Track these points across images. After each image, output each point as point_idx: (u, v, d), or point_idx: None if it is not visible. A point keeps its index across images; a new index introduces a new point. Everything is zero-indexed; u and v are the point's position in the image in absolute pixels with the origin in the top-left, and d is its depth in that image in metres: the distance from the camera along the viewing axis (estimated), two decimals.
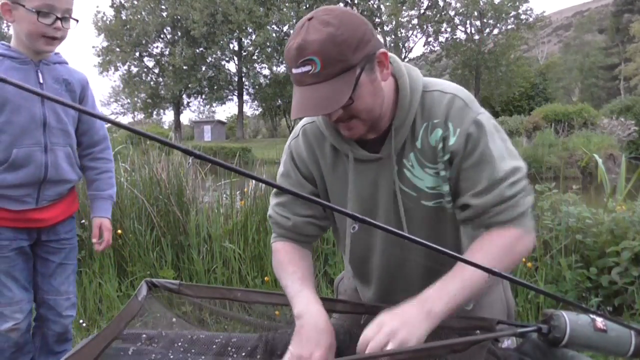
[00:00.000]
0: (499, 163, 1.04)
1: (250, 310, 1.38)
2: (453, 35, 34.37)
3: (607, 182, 3.90)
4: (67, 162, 1.76)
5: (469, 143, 1.05)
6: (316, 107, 0.98)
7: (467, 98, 1.09)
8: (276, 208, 1.25)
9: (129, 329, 1.18)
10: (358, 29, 0.98)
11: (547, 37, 75.64)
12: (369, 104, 1.03)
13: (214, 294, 1.29)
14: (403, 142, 1.10)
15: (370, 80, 1.01)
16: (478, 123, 1.06)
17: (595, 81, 46.64)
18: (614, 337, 0.89)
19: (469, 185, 1.06)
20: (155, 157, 3.88)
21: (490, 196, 1.04)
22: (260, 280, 3.14)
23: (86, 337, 1.05)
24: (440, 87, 1.11)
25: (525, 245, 1.07)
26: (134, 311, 1.14)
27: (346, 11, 1.00)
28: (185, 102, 39.79)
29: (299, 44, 0.96)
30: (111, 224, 2.00)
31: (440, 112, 1.07)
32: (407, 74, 1.10)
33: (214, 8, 32.90)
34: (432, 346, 0.91)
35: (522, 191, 1.06)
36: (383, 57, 1.03)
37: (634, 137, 19.55)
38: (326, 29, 0.95)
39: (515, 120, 20.45)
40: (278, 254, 1.23)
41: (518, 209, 1.04)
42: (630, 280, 2.56)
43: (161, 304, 1.27)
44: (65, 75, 1.76)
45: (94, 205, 1.96)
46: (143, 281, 1.25)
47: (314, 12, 1.01)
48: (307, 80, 0.97)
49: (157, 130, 22.61)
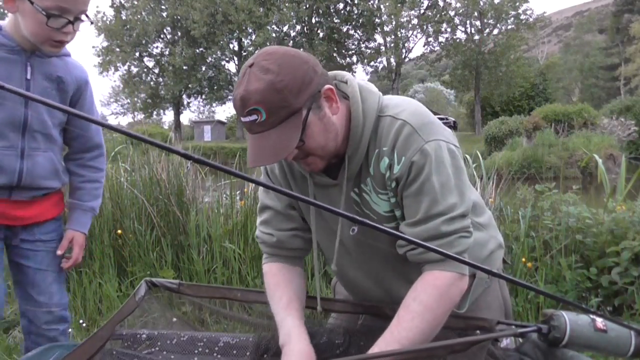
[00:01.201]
0: (440, 195, 1.00)
1: (250, 310, 1.38)
2: (453, 35, 34.35)
3: (607, 182, 3.90)
4: (48, 169, 1.58)
5: (412, 171, 1.03)
6: (269, 156, 0.99)
7: (418, 124, 1.04)
8: (260, 227, 1.26)
9: (129, 329, 1.18)
10: (299, 71, 0.97)
11: (547, 37, 75.65)
12: (321, 141, 1.03)
13: (214, 293, 1.29)
14: (359, 167, 1.10)
15: (319, 118, 1.01)
16: (424, 152, 1.02)
17: (595, 81, 46.65)
18: (614, 337, 0.89)
19: (407, 214, 1.05)
20: (155, 157, 3.88)
21: (423, 228, 1.01)
22: (260, 280, 3.14)
23: (86, 337, 1.05)
24: (393, 112, 1.08)
25: (460, 289, 1.03)
26: (131, 310, 1.15)
27: (286, 53, 0.99)
28: (185, 102, 39.80)
29: (242, 95, 0.96)
30: (86, 240, 1.77)
31: (389, 140, 1.05)
32: (361, 99, 1.08)
33: (214, 8, 32.91)
34: (433, 346, 0.91)
35: (460, 231, 1.02)
36: (330, 93, 1.02)
37: (634, 137, 19.54)
38: (266, 76, 0.95)
39: (515, 120, 20.45)
40: (266, 277, 1.24)
41: (452, 249, 1.00)
42: (630, 280, 2.56)
43: (160, 304, 1.27)
44: (61, 71, 1.56)
45: (72, 216, 1.72)
46: (143, 281, 1.25)
47: (255, 57, 1.00)
48: (256, 128, 0.98)
49: (157, 131, 22.61)
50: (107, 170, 3.88)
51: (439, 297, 0.99)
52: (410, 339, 0.97)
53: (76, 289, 3.22)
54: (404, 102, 1.11)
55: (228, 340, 1.18)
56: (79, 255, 1.71)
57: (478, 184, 3.52)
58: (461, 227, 1.02)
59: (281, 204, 1.22)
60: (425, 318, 0.98)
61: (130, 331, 1.18)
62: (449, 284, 1.01)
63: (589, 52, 47.02)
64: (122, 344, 1.15)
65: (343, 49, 35.94)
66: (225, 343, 1.17)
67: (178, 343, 1.17)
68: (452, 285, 1.01)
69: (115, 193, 3.67)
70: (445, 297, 1.00)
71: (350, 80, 1.11)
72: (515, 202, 3.47)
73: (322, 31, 34.90)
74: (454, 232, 1.01)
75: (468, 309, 1.16)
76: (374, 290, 1.22)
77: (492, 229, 1.25)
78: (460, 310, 1.16)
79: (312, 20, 35.02)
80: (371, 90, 1.12)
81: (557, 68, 43.30)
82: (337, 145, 1.07)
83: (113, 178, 3.80)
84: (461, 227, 1.02)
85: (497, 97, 33.50)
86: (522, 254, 2.85)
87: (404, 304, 1.01)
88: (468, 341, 0.93)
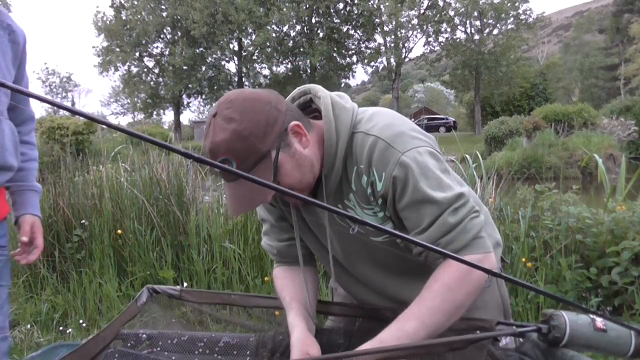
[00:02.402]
0: (435, 196, 1.00)
1: (252, 313, 1.39)
2: (453, 35, 34.32)
3: (607, 182, 3.90)
4: (12, 140, 1.38)
5: (397, 186, 1.02)
6: (247, 204, 1.02)
7: (390, 137, 1.03)
8: (264, 238, 1.31)
9: (129, 329, 1.18)
10: (261, 114, 0.98)
11: (547, 37, 75.65)
12: (297, 176, 1.04)
13: (214, 299, 1.31)
14: (338, 184, 1.10)
15: (290, 155, 1.02)
16: (403, 164, 1.01)
17: (595, 81, 46.62)
18: (614, 337, 0.89)
19: (413, 225, 1.04)
20: (155, 157, 3.88)
21: (434, 228, 1.00)
22: (260, 280, 3.14)
23: (86, 337, 1.05)
24: (365, 128, 1.07)
25: (488, 265, 1.01)
26: (133, 315, 1.17)
27: (247, 98, 1.00)
28: (185, 102, 39.77)
29: (210, 148, 0.97)
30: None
31: (363, 157, 1.05)
32: (334, 117, 1.07)
33: (214, 8, 32.89)
34: (431, 343, 0.92)
35: (468, 215, 1.02)
36: (297, 128, 1.03)
37: (634, 137, 19.54)
38: (230, 125, 0.95)
39: (515, 120, 20.43)
40: (275, 281, 1.29)
41: (468, 234, 1.00)
42: (630, 280, 2.56)
43: (160, 304, 1.28)
44: (9, 20, 1.40)
45: (22, 199, 1.50)
46: (144, 288, 1.26)
47: (217, 106, 1.01)
48: (229, 177, 1.01)
49: (158, 131, 22.61)
50: (107, 170, 3.90)
51: (460, 278, 0.99)
52: (430, 318, 0.97)
53: (76, 289, 3.22)
54: (377, 115, 1.10)
55: (228, 340, 1.18)
56: (42, 242, 1.51)
57: (478, 184, 3.52)
58: (467, 211, 1.02)
59: (272, 216, 1.26)
60: (447, 298, 0.98)
61: (131, 331, 1.18)
62: (468, 267, 0.98)
63: (588, 52, 47.00)
64: (123, 343, 1.16)
65: (343, 49, 35.91)
66: (226, 343, 1.18)
67: (179, 343, 1.18)
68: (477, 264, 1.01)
69: (115, 193, 3.68)
70: (467, 278, 0.99)
71: (324, 98, 1.10)
72: (515, 202, 3.48)
73: (322, 31, 34.86)
74: (463, 218, 1.00)
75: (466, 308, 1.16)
76: (380, 301, 1.23)
77: (489, 227, 1.25)
78: None
79: (312, 20, 34.98)
80: (344, 107, 1.10)
81: (557, 68, 43.30)
82: (316, 174, 1.08)
83: (113, 178, 3.80)
84: (467, 212, 1.02)
85: (497, 97, 33.47)
86: (522, 254, 2.85)
87: (426, 286, 1.01)
88: (467, 339, 0.93)
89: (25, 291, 3.36)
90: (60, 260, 3.44)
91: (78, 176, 3.84)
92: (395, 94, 34.55)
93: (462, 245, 1.00)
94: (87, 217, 3.50)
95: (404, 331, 0.96)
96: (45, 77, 55.76)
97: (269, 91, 1.05)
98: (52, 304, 3.20)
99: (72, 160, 4.02)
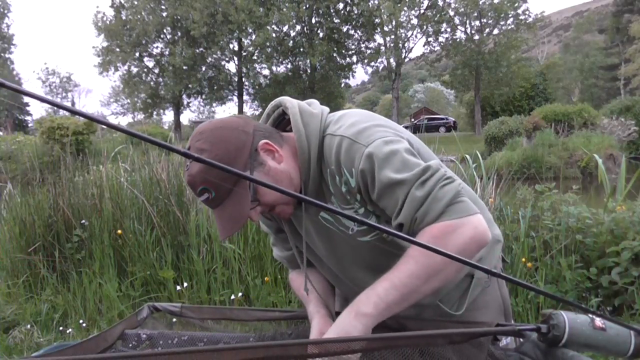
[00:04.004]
0: (401, 177, 1.00)
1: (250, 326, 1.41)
2: (453, 35, 34.30)
3: (607, 182, 3.90)
4: None
5: (366, 177, 1.03)
6: (232, 226, 1.05)
7: (354, 134, 1.05)
8: (273, 249, 1.38)
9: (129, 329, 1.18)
10: (229, 140, 1.03)
11: (547, 37, 75.65)
12: (276, 193, 1.06)
13: (215, 314, 1.31)
14: (318, 190, 1.12)
15: (265, 173, 1.06)
16: (368, 155, 1.02)
17: (595, 81, 46.59)
18: (613, 336, 0.89)
19: (391, 212, 1.05)
20: (155, 157, 3.88)
21: (406, 206, 1.00)
22: (260, 280, 3.14)
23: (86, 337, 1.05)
24: (332, 130, 1.09)
25: (471, 229, 0.99)
26: (132, 327, 1.21)
27: (215, 127, 1.05)
28: (185, 102, 39.75)
29: (188, 181, 1.04)
30: None
31: (332, 158, 1.07)
32: (303, 124, 1.10)
33: (214, 8, 32.88)
34: (431, 334, 0.92)
35: (437, 184, 0.99)
36: (267, 146, 1.07)
37: (634, 137, 19.54)
38: (202, 156, 0.97)
39: (515, 120, 20.44)
40: (291, 284, 1.37)
41: (440, 202, 0.98)
42: (630, 281, 2.56)
43: (160, 323, 1.29)
44: None
45: None
46: (145, 305, 1.27)
47: (190, 140, 1.06)
48: (212, 204, 1.05)
49: (158, 131, 22.61)
50: (107, 170, 3.90)
51: (435, 242, 0.95)
52: (401, 280, 0.98)
53: (76, 289, 3.23)
54: (345, 117, 1.13)
55: (228, 340, 1.19)
56: None
57: (478, 184, 3.53)
58: (436, 181, 0.99)
59: (271, 229, 1.32)
60: (421, 261, 0.98)
61: (132, 331, 1.19)
62: (444, 232, 0.97)
63: (588, 52, 46.98)
64: (123, 343, 1.16)
65: (343, 49, 35.88)
66: (226, 343, 1.18)
67: (179, 343, 1.18)
68: (453, 233, 0.98)
69: (115, 193, 3.68)
70: (444, 241, 0.96)
71: (291, 108, 1.13)
72: (515, 202, 3.48)
73: (322, 31, 34.85)
74: (432, 188, 0.99)
75: (466, 309, 1.16)
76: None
77: (488, 223, 1.25)
78: (458, 312, 1.16)
79: (312, 20, 34.97)
80: (312, 113, 1.13)
81: (557, 68, 43.28)
82: (296, 185, 1.11)
83: (113, 178, 3.80)
84: (436, 181, 0.99)
85: (498, 97, 33.47)
86: (522, 254, 2.86)
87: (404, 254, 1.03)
88: (466, 332, 0.93)
89: (25, 291, 3.37)
90: (60, 260, 3.44)
91: (78, 176, 3.85)
92: (395, 94, 34.54)
93: (437, 214, 0.98)
94: (87, 217, 3.50)
95: (374, 291, 0.99)
96: (45, 77, 55.85)
97: (237, 116, 1.10)
98: (52, 304, 3.20)
99: (72, 160, 4.02)
